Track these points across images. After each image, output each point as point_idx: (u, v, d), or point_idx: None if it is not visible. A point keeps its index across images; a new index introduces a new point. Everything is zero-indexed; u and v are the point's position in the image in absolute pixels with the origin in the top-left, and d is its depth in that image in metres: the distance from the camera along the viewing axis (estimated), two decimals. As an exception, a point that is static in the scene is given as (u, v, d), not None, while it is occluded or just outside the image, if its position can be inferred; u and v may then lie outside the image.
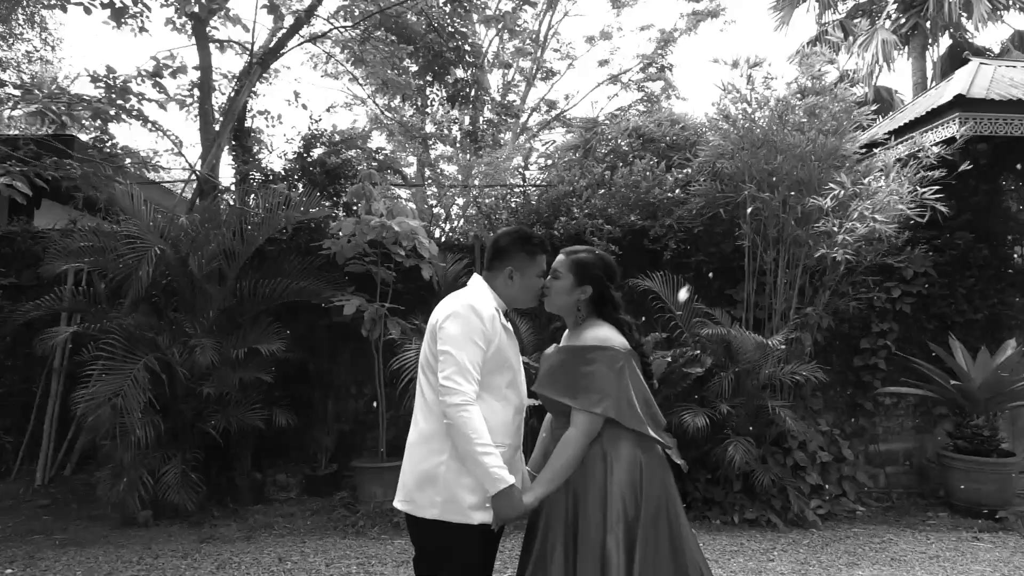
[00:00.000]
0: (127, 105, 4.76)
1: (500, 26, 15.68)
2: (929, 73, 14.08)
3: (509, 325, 2.14)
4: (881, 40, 13.02)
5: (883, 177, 4.86)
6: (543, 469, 2.00)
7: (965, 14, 13.54)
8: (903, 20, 14.10)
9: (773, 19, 15.66)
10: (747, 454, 4.55)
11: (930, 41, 14.09)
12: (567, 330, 2.25)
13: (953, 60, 13.93)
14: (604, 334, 2.06)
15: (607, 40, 16.85)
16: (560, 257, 2.20)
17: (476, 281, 2.18)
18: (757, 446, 4.76)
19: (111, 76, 4.65)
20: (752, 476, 4.70)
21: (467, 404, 1.87)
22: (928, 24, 13.55)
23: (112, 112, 4.37)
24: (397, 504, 2.04)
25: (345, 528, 4.56)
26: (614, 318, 2.12)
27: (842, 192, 4.70)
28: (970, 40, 14.32)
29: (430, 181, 10.34)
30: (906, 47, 14.16)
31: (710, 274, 5.79)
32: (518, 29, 16.50)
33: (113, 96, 4.65)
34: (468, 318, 1.96)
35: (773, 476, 4.72)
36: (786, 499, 4.76)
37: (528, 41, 16.63)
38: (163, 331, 4.46)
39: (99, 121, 4.32)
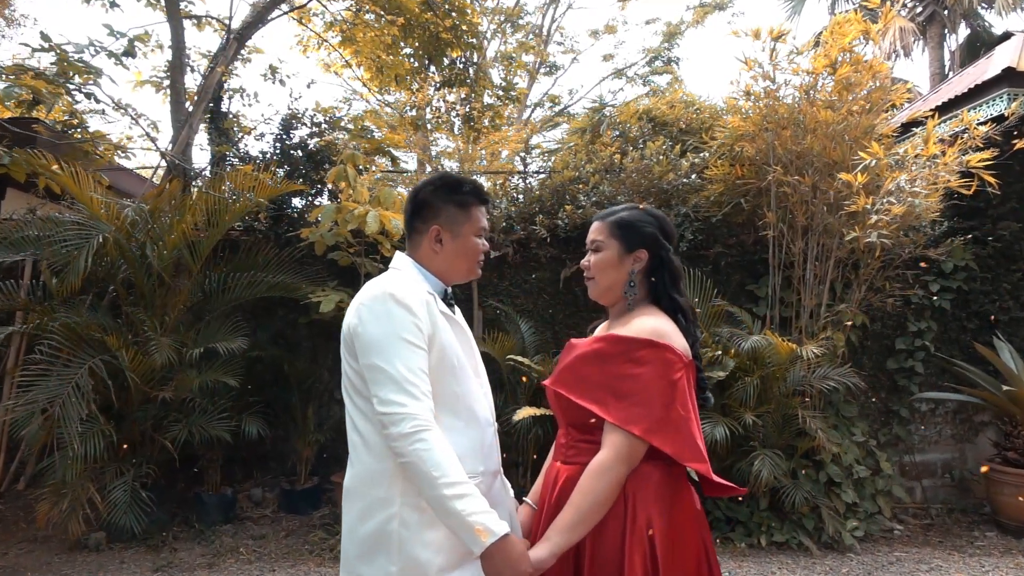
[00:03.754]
0: (76, 79, 4.23)
1: (502, 19, 15.20)
2: (947, 63, 13.56)
3: (457, 313, 1.58)
4: (899, 28, 12.48)
5: (922, 146, 4.32)
6: (563, 510, 1.40)
7: (984, 3, 13.05)
8: (920, 9, 13.58)
9: (783, 9, 15.16)
10: (775, 469, 4.03)
11: (947, 31, 13.57)
12: (607, 321, 1.68)
13: (971, 50, 13.43)
14: (663, 328, 1.49)
15: (612, 34, 16.37)
16: (595, 224, 1.64)
17: (398, 259, 1.59)
18: (786, 459, 4.24)
19: (49, 44, 4.10)
20: (781, 493, 4.18)
21: (421, 429, 1.30)
22: (946, 13, 13.03)
23: (54, 87, 3.83)
24: None
25: (322, 553, 4.04)
26: (671, 298, 1.57)
27: (874, 162, 4.15)
28: (989, 29, 13.80)
29: (428, 172, 9.86)
30: (923, 37, 13.65)
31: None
32: (520, 22, 16.04)
33: (58, 69, 4.10)
34: (389, 311, 1.39)
35: (805, 494, 4.19)
36: (819, 519, 4.23)
37: (531, 35, 16.14)
38: (115, 330, 3.94)
39: (32, 100, 3.78)
